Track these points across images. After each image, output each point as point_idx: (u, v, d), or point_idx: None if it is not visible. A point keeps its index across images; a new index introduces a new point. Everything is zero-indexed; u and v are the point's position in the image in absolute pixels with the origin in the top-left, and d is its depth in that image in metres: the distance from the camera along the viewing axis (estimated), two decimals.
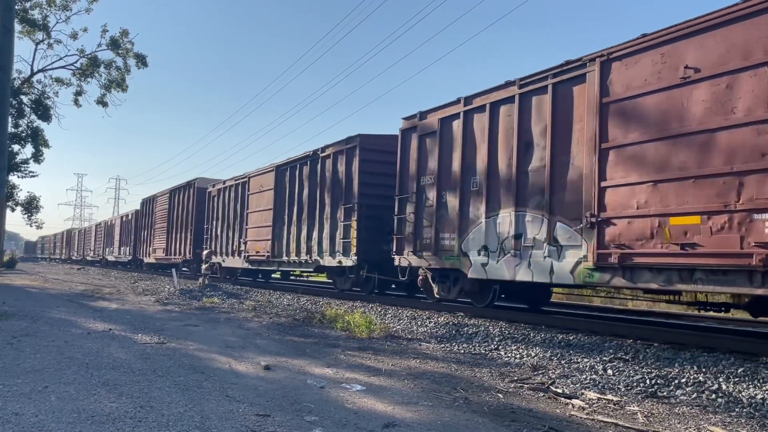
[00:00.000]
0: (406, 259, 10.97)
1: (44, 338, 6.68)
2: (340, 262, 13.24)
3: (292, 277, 22.23)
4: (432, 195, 10.41)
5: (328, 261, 13.80)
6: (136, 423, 3.49)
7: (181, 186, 25.75)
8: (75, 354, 5.75)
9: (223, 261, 20.22)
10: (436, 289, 10.57)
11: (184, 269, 25.25)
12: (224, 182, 20.51)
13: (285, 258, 15.80)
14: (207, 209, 21.90)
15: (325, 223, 14.00)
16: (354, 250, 12.66)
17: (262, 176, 17.70)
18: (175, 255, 25.22)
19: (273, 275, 21.02)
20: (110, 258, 42.24)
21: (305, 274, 19.82)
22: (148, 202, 31.05)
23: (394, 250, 11.29)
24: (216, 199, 21.16)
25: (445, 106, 10.41)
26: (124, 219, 38.13)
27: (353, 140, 13.16)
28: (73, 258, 60.32)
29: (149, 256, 29.74)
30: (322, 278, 19.08)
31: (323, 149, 14.37)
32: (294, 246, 15.26)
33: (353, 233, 12.73)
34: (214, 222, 21.15)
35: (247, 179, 18.68)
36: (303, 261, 14.93)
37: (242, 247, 18.40)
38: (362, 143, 12.95)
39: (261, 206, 17.51)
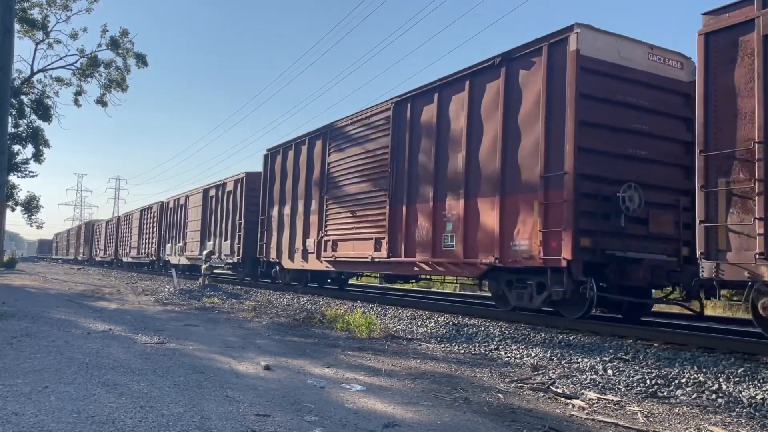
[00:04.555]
0: None
1: (44, 338, 6.67)
2: None
3: None
4: None
5: None
6: (136, 423, 3.49)
7: (472, 69, 9.60)
8: (75, 354, 5.74)
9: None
10: None
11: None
12: None
13: None
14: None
15: None
16: None
17: None
18: (470, 255, 9.56)
19: None
20: (175, 260, 24.15)
21: None
22: (296, 148, 15.32)
23: None
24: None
25: None
26: (215, 193, 20.72)
27: None
28: (97, 259, 44.30)
29: (304, 257, 14.57)
30: None
31: None
32: None
33: None
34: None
35: None
36: None
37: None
38: None
39: None
